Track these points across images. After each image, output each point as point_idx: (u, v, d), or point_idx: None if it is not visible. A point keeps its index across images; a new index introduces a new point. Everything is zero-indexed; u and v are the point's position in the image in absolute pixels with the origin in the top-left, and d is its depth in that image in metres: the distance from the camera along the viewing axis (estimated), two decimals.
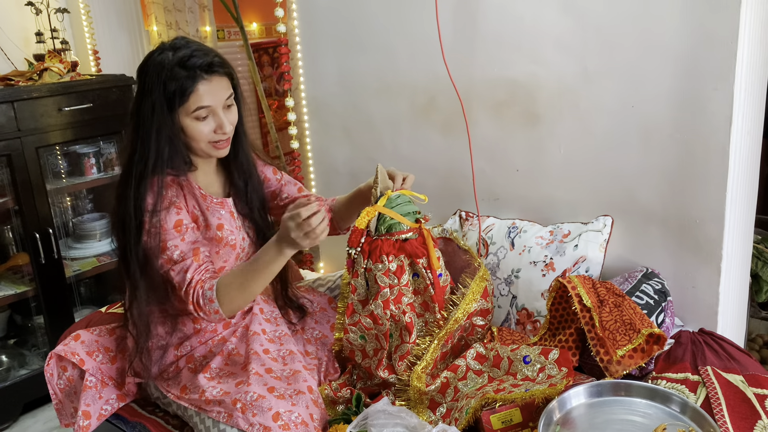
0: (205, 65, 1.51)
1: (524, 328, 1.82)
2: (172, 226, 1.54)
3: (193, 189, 1.62)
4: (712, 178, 1.66)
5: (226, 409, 1.46)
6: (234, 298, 1.51)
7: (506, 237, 1.94)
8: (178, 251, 1.53)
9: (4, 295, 2.62)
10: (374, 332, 1.61)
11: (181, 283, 1.52)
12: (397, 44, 2.23)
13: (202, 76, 1.51)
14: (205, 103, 1.52)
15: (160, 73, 1.50)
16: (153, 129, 1.51)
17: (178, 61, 1.50)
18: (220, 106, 1.55)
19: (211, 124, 1.56)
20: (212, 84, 1.53)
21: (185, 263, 1.53)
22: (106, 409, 1.70)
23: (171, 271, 1.53)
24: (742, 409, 1.39)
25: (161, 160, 1.54)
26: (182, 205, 1.58)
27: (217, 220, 1.64)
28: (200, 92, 1.51)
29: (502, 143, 2.04)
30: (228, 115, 1.58)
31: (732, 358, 1.57)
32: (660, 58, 1.68)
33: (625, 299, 1.56)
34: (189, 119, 1.54)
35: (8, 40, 2.82)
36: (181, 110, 1.52)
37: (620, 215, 1.84)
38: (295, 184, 1.89)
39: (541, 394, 1.39)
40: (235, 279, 1.52)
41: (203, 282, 1.52)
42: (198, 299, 1.51)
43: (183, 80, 1.49)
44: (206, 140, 1.57)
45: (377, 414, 1.37)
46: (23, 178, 2.55)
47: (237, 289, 1.51)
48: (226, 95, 1.56)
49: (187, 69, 1.50)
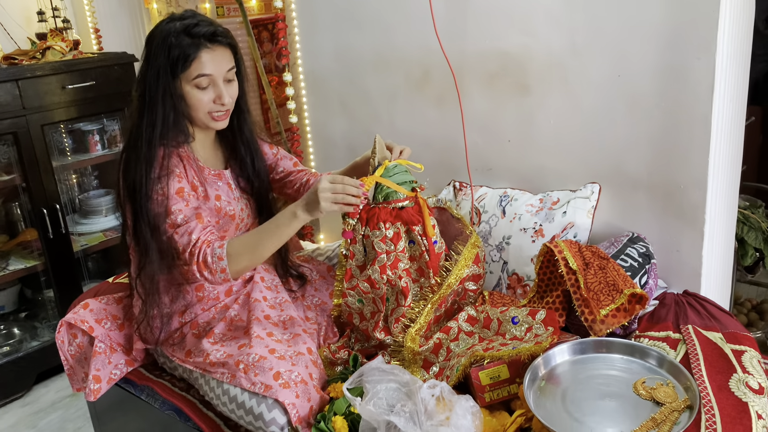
0: (209, 34, 1.57)
1: (515, 292, 1.88)
2: (175, 191, 1.59)
3: (192, 160, 1.67)
4: (696, 146, 1.70)
5: (230, 370, 1.53)
6: (243, 257, 1.56)
7: (498, 205, 2.00)
8: (182, 215, 1.58)
9: (14, 269, 2.70)
10: (371, 296, 1.67)
11: (186, 245, 1.56)
12: (392, 19, 2.27)
13: (205, 44, 1.56)
14: (206, 71, 1.57)
15: (165, 40, 1.55)
16: (158, 94, 1.56)
17: (184, 28, 1.56)
18: (220, 78, 1.60)
19: (210, 93, 1.60)
20: (215, 53, 1.58)
21: (189, 225, 1.57)
22: (116, 374, 1.77)
23: (175, 234, 1.57)
24: (719, 364, 1.45)
25: (167, 125, 1.59)
26: (183, 174, 1.62)
27: (215, 191, 1.69)
28: (202, 60, 1.56)
29: (494, 115, 2.09)
30: (228, 88, 1.62)
31: (713, 317, 1.64)
32: (645, 30, 1.72)
33: (610, 262, 1.62)
34: (189, 86, 1.58)
35: (10, 19, 2.87)
36: (183, 77, 1.57)
37: (607, 182, 1.89)
38: (290, 159, 1.94)
39: (527, 351, 1.45)
40: (248, 239, 1.59)
41: (210, 242, 1.56)
42: (205, 257, 1.55)
43: (186, 47, 1.55)
44: (205, 110, 1.61)
45: (372, 371, 1.43)
46: (29, 155, 2.61)
47: (248, 249, 1.57)
48: (227, 67, 1.61)
49: (192, 36, 1.55)
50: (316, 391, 1.50)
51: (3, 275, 2.67)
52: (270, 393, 1.45)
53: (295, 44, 2.65)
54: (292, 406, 1.43)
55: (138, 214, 1.58)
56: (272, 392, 1.44)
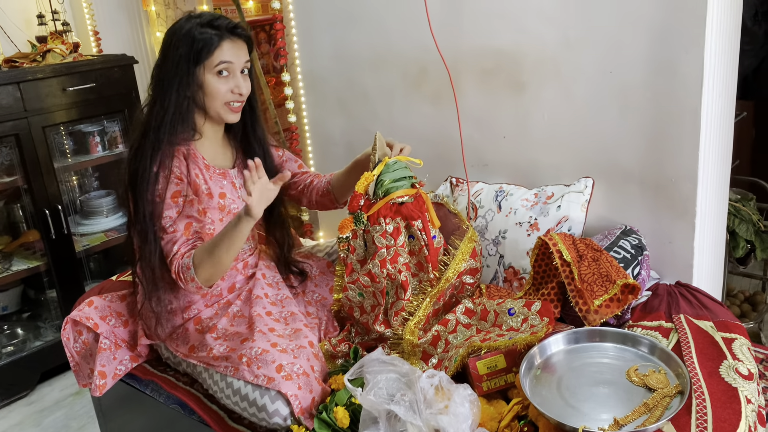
0: (231, 26, 1.67)
1: (511, 285, 1.92)
2: (170, 195, 1.65)
3: (197, 159, 1.71)
4: (686, 139, 1.74)
5: (233, 364, 1.56)
6: (205, 265, 1.60)
7: (494, 200, 2.03)
8: (171, 222, 1.64)
9: (17, 270, 2.73)
10: (372, 290, 1.71)
11: (168, 253, 1.64)
12: (388, 17, 2.30)
13: (227, 35, 1.65)
14: (228, 59, 1.65)
15: (189, 32, 1.63)
16: (174, 83, 1.63)
17: (207, 21, 1.65)
18: (239, 68, 1.68)
19: (229, 83, 1.67)
20: (236, 44, 1.67)
21: (174, 235, 1.64)
22: (120, 369, 1.81)
23: (161, 239, 1.64)
24: (709, 351, 1.49)
25: (178, 113, 1.64)
26: (183, 175, 1.66)
27: (219, 189, 1.72)
28: (224, 48, 1.64)
29: (489, 111, 2.12)
30: (244, 81, 1.70)
31: (704, 307, 1.67)
32: (635, 25, 1.75)
33: (603, 254, 1.66)
34: (210, 75, 1.65)
35: (10, 22, 2.89)
36: (206, 65, 1.64)
37: (601, 176, 1.92)
38: (295, 161, 1.97)
39: (523, 341, 1.49)
40: (206, 246, 1.62)
41: (185, 254, 1.63)
42: (180, 269, 1.62)
43: (211, 36, 1.63)
44: (222, 99, 1.67)
45: (372, 362, 1.46)
46: (31, 157, 2.64)
47: (206, 256, 1.60)
48: (245, 59, 1.70)
49: (215, 28, 1.64)
50: (317, 383, 1.53)
51: (6, 276, 2.70)
52: (273, 385, 1.48)
53: (293, 44, 2.68)
54: (295, 397, 1.47)
55: (138, 202, 1.63)
56: (275, 384, 1.48)
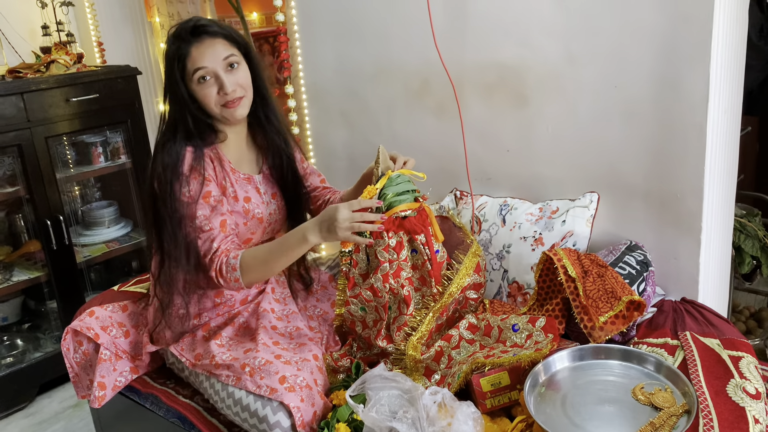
0: (190, 29, 1.61)
1: (515, 301, 1.90)
2: (202, 196, 1.62)
3: (224, 163, 1.70)
4: (691, 154, 1.73)
5: (235, 373, 1.55)
6: (255, 270, 1.59)
7: (498, 214, 2.02)
8: (206, 221, 1.62)
9: (17, 280, 2.71)
10: (374, 304, 1.69)
11: (207, 251, 1.61)
12: (392, 30, 2.30)
13: (191, 39, 1.60)
14: (201, 65, 1.60)
15: (165, 53, 1.64)
16: (174, 101, 1.64)
17: (173, 34, 1.62)
18: (219, 67, 1.61)
19: (214, 86, 1.63)
20: (204, 45, 1.61)
21: (212, 233, 1.62)
22: (120, 381, 1.79)
23: (198, 239, 1.62)
24: (716, 370, 1.47)
25: (187, 127, 1.64)
26: (212, 177, 1.66)
27: (245, 193, 1.72)
28: (193, 55, 1.60)
29: (493, 124, 2.12)
30: (230, 76, 1.63)
31: (710, 324, 1.66)
32: (640, 40, 1.75)
33: (608, 270, 1.64)
34: (195, 85, 1.62)
35: (15, 33, 2.90)
36: (186, 78, 1.62)
37: (606, 191, 1.91)
38: (318, 175, 1.96)
39: (528, 358, 1.47)
40: (259, 254, 1.61)
41: (228, 251, 1.61)
42: (221, 266, 1.60)
43: (177, 50, 1.60)
44: (215, 103, 1.64)
45: (374, 378, 1.45)
46: (33, 167, 2.64)
47: (260, 263, 1.59)
48: (223, 55, 1.62)
49: (179, 37, 1.61)
50: (320, 397, 1.52)
51: (6, 286, 2.68)
52: (275, 396, 1.46)
53: (297, 57, 2.68)
54: (297, 409, 1.45)
55: (163, 211, 1.62)
56: (277, 395, 1.46)
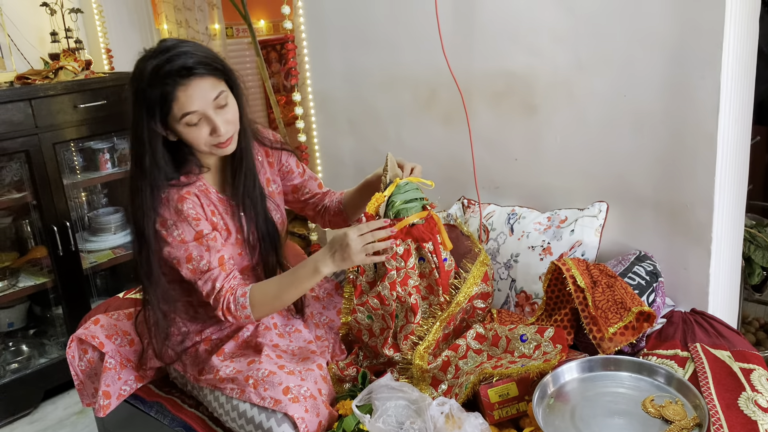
0: (178, 69, 1.43)
1: (523, 310, 1.89)
2: (193, 238, 1.55)
3: (210, 195, 1.63)
4: (701, 164, 1.72)
5: (239, 386, 1.54)
6: (266, 305, 1.57)
7: (506, 223, 2.01)
8: (204, 261, 1.56)
9: (23, 286, 2.71)
10: (381, 312, 1.68)
11: (209, 292, 1.57)
12: (400, 39, 2.30)
13: (178, 81, 1.44)
14: (190, 109, 1.46)
15: (140, 84, 1.45)
16: (145, 140, 1.48)
17: (153, 69, 1.44)
18: (209, 108, 1.48)
19: (205, 128, 1.50)
20: (192, 88, 1.45)
21: (212, 273, 1.56)
22: (125, 390, 1.78)
23: (198, 281, 1.56)
24: (727, 382, 1.45)
25: (160, 169, 1.52)
26: (200, 215, 1.58)
27: (236, 224, 1.66)
28: (181, 99, 1.45)
29: (501, 133, 2.11)
30: (221, 115, 1.51)
31: (721, 335, 1.64)
32: (650, 48, 1.74)
33: (617, 280, 1.63)
34: (181, 126, 1.49)
35: (24, 40, 2.91)
36: (170, 119, 1.48)
37: (615, 201, 1.90)
38: (315, 179, 1.90)
39: (536, 369, 1.46)
40: (269, 289, 1.57)
41: (233, 289, 1.56)
42: (228, 305, 1.56)
43: (160, 93, 1.44)
44: (205, 143, 1.53)
45: (381, 389, 1.44)
46: (41, 173, 2.64)
47: (270, 298, 1.57)
48: (213, 95, 1.48)
49: (163, 77, 1.43)
50: (325, 407, 1.50)
51: (12, 292, 2.68)
52: (279, 407, 1.45)
53: (305, 65, 2.68)
54: (302, 420, 1.44)
55: (150, 255, 1.55)
56: (282, 406, 1.45)
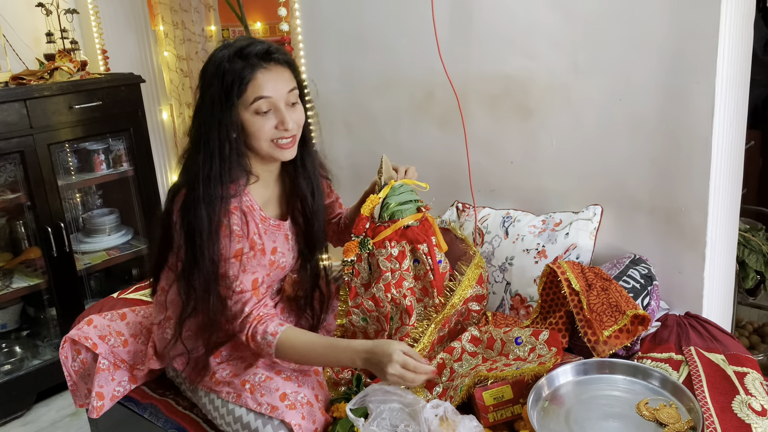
0: (262, 52, 1.45)
1: (518, 313, 1.89)
2: (232, 255, 1.49)
3: (254, 213, 1.57)
4: (696, 168, 1.72)
5: (235, 390, 1.53)
6: (289, 357, 1.51)
7: (501, 226, 2.01)
8: (238, 281, 1.50)
9: (17, 287, 2.70)
10: (376, 314, 1.68)
11: (237, 313, 1.52)
12: (397, 41, 2.30)
13: (260, 63, 1.45)
14: (264, 93, 1.45)
15: (219, 67, 1.44)
16: (214, 127, 1.45)
17: (236, 51, 1.45)
18: (281, 100, 1.48)
19: (272, 119, 1.48)
20: (271, 72, 1.46)
21: (244, 296, 1.51)
22: (119, 391, 1.77)
23: (228, 299, 1.51)
24: (721, 386, 1.46)
25: (225, 161, 1.47)
26: (243, 233, 1.53)
27: (272, 244, 1.63)
28: (258, 81, 1.44)
29: (497, 136, 2.11)
30: (291, 112, 1.49)
31: (715, 339, 1.64)
32: (646, 53, 1.75)
33: (612, 283, 1.63)
34: (249, 114, 1.46)
35: (20, 40, 2.90)
36: (240, 103, 1.45)
37: (609, 204, 1.90)
38: (337, 198, 1.88)
39: (531, 371, 1.46)
40: (300, 348, 1.49)
41: (262, 319, 1.51)
42: (254, 335, 1.50)
43: (240, 70, 1.43)
44: (268, 137, 1.49)
45: (375, 392, 1.44)
46: (35, 174, 2.63)
47: (296, 355, 1.50)
48: (287, 88, 1.49)
49: (244, 58, 1.44)
50: (321, 414, 1.50)
51: (6, 293, 2.67)
52: (276, 414, 1.44)
53: (301, 66, 2.68)
54: (299, 427, 1.43)
55: (193, 259, 1.48)
56: (278, 413, 1.44)
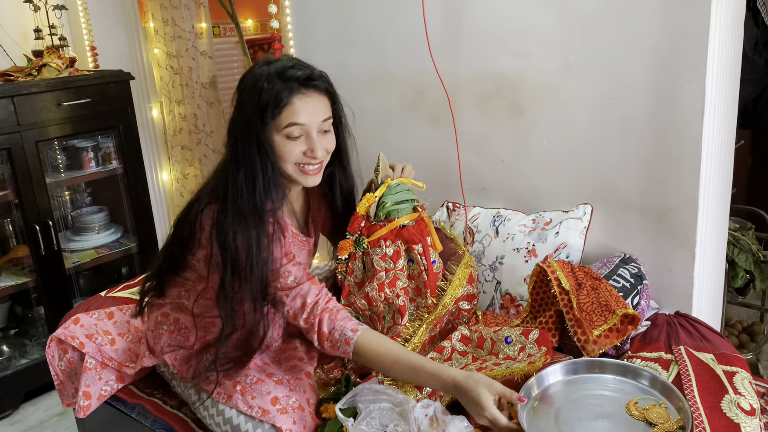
0: (303, 77, 1.42)
1: (508, 312, 1.89)
2: (281, 255, 1.47)
3: (286, 227, 1.56)
4: (686, 167, 1.73)
5: (226, 391, 1.51)
6: (368, 363, 1.45)
7: (491, 225, 2.01)
8: (292, 277, 1.47)
9: (4, 286, 2.68)
10: (368, 313, 1.67)
11: (299, 309, 1.46)
12: (387, 40, 2.29)
13: (299, 89, 1.42)
14: (298, 120, 1.42)
15: (256, 84, 1.42)
16: (252, 144, 1.42)
17: (276, 71, 1.42)
18: (314, 128, 1.45)
19: (302, 145, 1.45)
20: (309, 99, 1.43)
21: (301, 288, 1.47)
22: (106, 390, 1.76)
23: (285, 297, 1.47)
24: (711, 385, 1.46)
25: (267, 177, 1.43)
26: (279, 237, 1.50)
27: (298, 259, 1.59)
28: (295, 106, 1.41)
29: (488, 135, 2.11)
30: (322, 140, 1.47)
31: (704, 338, 1.65)
32: (637, 53, 1.75)
33: (602, 282, 1.63)
34: (279, 136, 1.44)
35: (7, 36, 2.87)
36: (273, 125, 1.42)
37: (600, 203, 1.90)
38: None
39: (521, 371, 1.45)
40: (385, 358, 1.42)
41: (331, 312, 1.46)
42: (332, 331, 1.44)
43: (278, 92, 1.40)
44: (294, 161, 1.46)
45: (365, 391, 1.43)
46: (23, 171, 2.61)
47: (378, 365, 1.44)
48: (322, 117, 1.46)
49: (285, 80, 1.41)
50: (311, 418, 1.49)
51: None
52: (267, 418, 1.43)
53: None
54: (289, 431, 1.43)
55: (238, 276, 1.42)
56: (269, 417, 1.43)
